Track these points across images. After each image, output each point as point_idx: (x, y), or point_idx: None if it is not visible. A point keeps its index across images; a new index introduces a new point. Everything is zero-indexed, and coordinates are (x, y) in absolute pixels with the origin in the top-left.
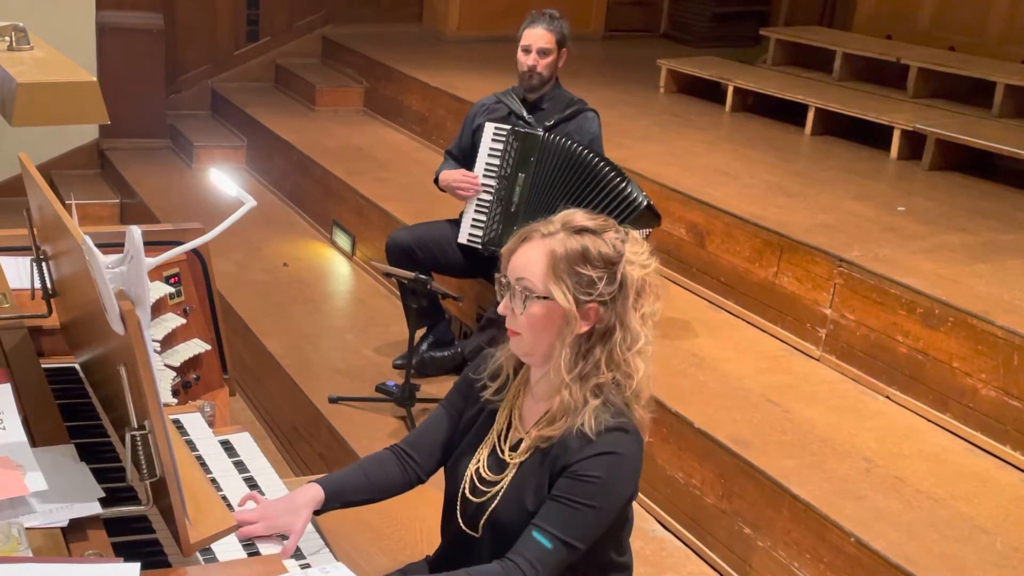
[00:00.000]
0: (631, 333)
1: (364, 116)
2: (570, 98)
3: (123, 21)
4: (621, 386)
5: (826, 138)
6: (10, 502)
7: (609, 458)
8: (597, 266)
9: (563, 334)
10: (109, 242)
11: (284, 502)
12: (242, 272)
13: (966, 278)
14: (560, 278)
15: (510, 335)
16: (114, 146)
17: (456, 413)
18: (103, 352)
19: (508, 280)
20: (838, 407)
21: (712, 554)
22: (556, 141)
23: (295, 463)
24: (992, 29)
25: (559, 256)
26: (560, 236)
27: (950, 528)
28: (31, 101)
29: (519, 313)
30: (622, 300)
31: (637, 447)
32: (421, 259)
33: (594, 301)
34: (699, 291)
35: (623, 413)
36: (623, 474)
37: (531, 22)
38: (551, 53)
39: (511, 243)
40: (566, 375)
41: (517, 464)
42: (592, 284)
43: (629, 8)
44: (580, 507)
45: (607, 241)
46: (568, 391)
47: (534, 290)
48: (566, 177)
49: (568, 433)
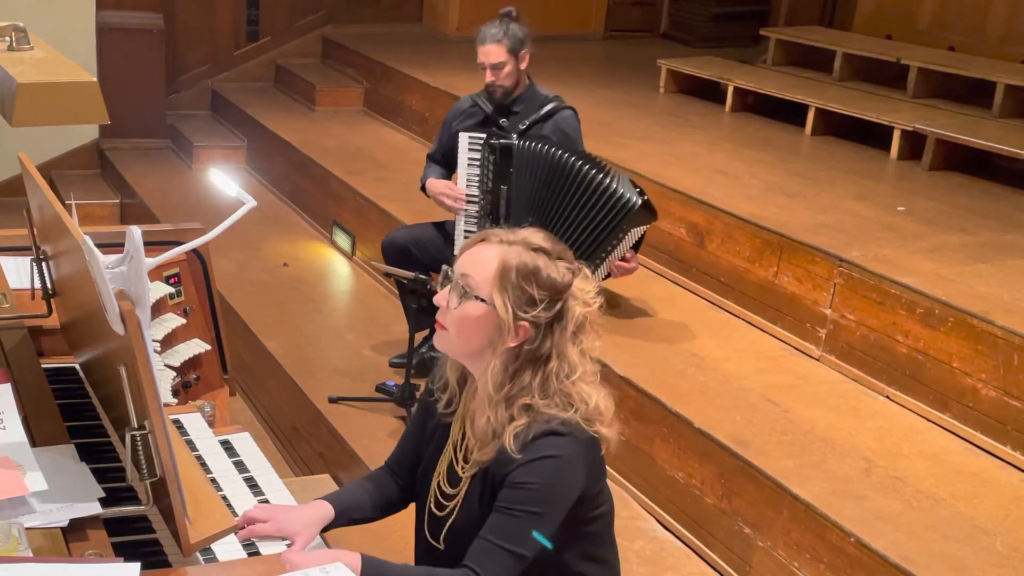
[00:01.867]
0: (568, 363)
1: (364, 116)
2: (545, 97)
3: (123, 21)
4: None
5: (826, 138)
6: (10, 502)
7: (544, 463)
8: (543, 288)
9: (494, 343)
10: (109, 242)
11: (296, 512)
12: (242, 272)
13: (966, 278)
14: (505, 288)
15: (437, 328)
16: (114, 146)
17: (422, 426)
18: (103, 352)
19: (453, 274)
20: (838, 407)
21: (712, 554)
22: (531, 148)
23: (295, 463)
24: (992, 29)
25: (511, 266)
26: (517, 248)
27: (950, 528)
28: (31, 101)
29: (452, 307)
30: (560, 330)
31: (577, 447)
32: (418, 258)
33: (528, 320)
34: (699, 291)
35: (561, 420)
36: (561, 475)
37: (480, 37)
38: (506, 64)
39: (470, 240)
40: (493, 393)
41: (468, 477)
42: (532, 303)
43: (629, 8)
44: (521, 514)
45: (558, 268)
46: (494, 413)
47: (475, 290)
48: (548, 183)
49: (499, 453)
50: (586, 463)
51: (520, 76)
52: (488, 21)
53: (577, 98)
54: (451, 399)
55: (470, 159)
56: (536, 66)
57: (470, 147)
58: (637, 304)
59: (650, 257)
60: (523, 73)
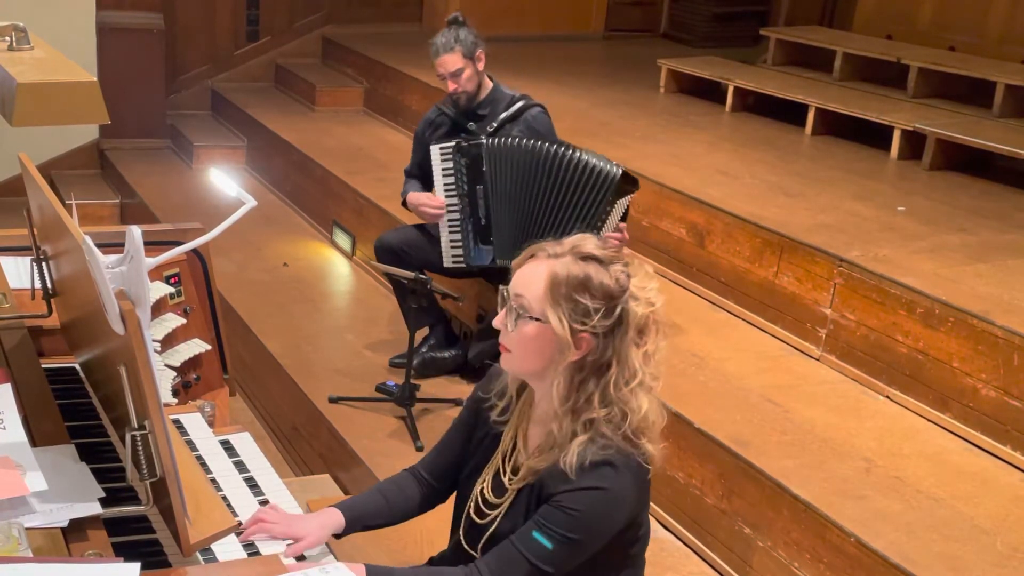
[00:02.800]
0: (628, 369)
1: (364, 116)
2: (511, 96)
3: (123, 21)
4: (619, 422)
5: (826, 138)
6: (10, 502)
7: (593, 493)
8: (596, 297)
9: (556, 360)
10: (109, 242)
11: (304, 519)
12: (242, 272)
13: (966, 278)
14: (557, 302)
15: (501, 350)
16: (114, 146)
17: (467, 431)
18: (103, 352)
19: (508, 294)
20: (838, 407)
21: (712, 554)
22: (501, 144)
23: (295, 463)
24: (992, 29)
25: (560, 279)
26: (566, 260)
27: (950, 528)
28: (31, 101)
29: (511, 330)
30: (620, 335)
31: (628, 481)
32: (411, 258)
33: (587, 331)
34: (699, 291)
35: (616, 448)
36: (606, 510)
37: (434, 51)
38: (464, 70)
39: (520, 258)
40: (558, 406)
41: (515, 491)
42: (588, 314)
43: (629, 8)
44: (560, 536)
45: (611, 273)
46: (558, 425)
47: (529, 310)
48: (525, 174)
49: (554, 466)
50: (635, 498)
51: (481, 78)
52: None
53: (577, 98)
54: (507, 407)
55: (444, 170)
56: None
57: (442, 157)
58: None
59: (650, 257)
60: (483, 74)
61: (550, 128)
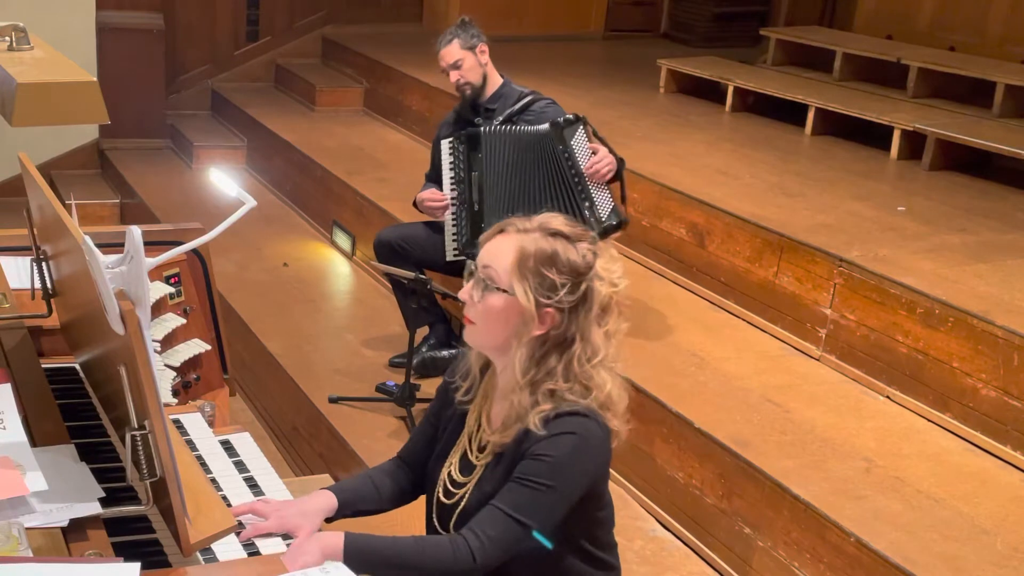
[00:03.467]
0: (591, 346)
1: (364, 116)
2: (520, 92)
3: (123, 21)
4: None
5: (826, 138)
6: (10, 502)
7: (565, 438)
8: (563, 272)
9: (519, 333)
10: (109, 242)
11: (297, 505)
12: (242, 272)
13: (966, 278)
14: (524, 275)
15: (465, 323)
16: (114, 146)
17: (436, 419)
18: (103, 352)
19: (475, 267)
20: (838, 407)
21: (712, 554)
22: (497, 130)
23: (295, 463)
24: (992, 29)
25: (528, 253)
26: (535, 235)
27: (950, 528)
28: (31, 101)
29: (477, 301)
30: (584, 312)
31: (598, 430)
32: (411, 254)
33: (552, 306)
34: (699, 291)
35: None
36: (581, 454)
37: (437, 48)
38: (463, 61)
39: (489, 232)
40: (520, 378)
41: (482, 466)
42: (554, 288)
43: (629, 8)
44: (534, 486)
45: (578, 250)
46: (519, 398)
47: (496, 281)
48: (515, 159)
49: (520, 434)
50: (603, 450)
51: (486, 71)
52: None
53: (577, 98)
54: (471, 387)
55: (449, 163)
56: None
57: (449, 151)
58: (637, 304)
59: (650, 257)
60: (489, 69)
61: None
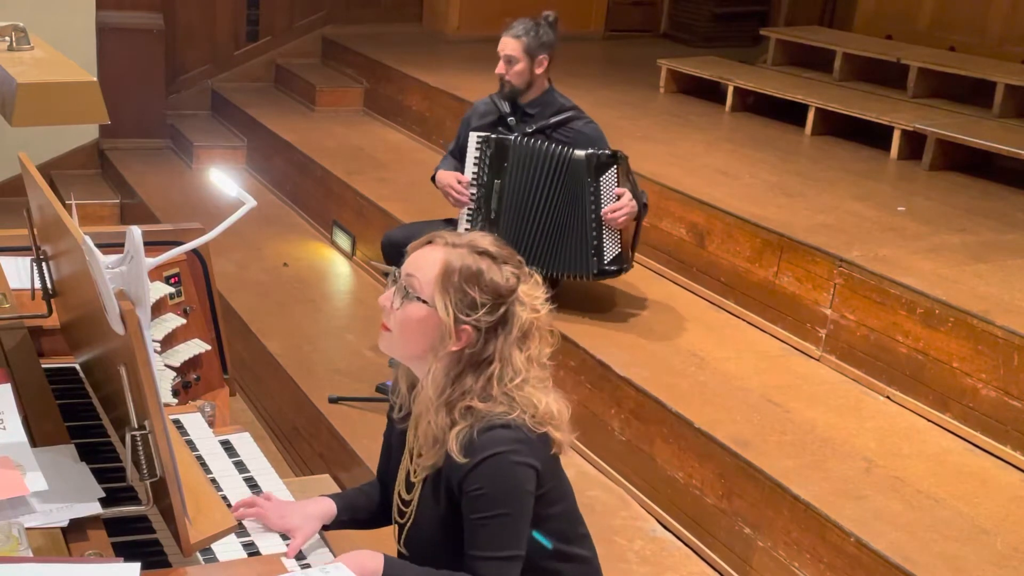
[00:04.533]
0: (511, 368)
1: (364, 116)
2: (562, 104)
3: (123, 21)
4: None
5: (826, 138)
6: (10, 502)
7: (488, 463)
8: (485, 291)
9: (435, 347)
10: (109, 242)
11: (297, 507)
12: (242, 272)
13: (966, 278)
14: (447, 289)
15: (381, 330)
16: (114, 146)
17: (388, 437)
18: (103, 352)
19: (399, 274)
20: (838, 407)
21: (712, 554)
22: (528, 144)
23: (295, 463)
24: (992, 29)
25: (454, 268)
26: (462, 251)
27: (950, 528)
28: (31, 101)
29: (396, 308)
30: (504, 334)
31: (519, 437)
32: None
33: (470, 324)
34: (699, 291)
35: (499, 423)
36: (511, 470)
37: (507, 28)
38: (517, 62)
39: (418, 241)
40: (434, 398)
41: (420, 481)
42: (474, 306)
43: (629, 8)
44: (490, 520)
45: (503, 272)
46: (434, 417)
47: (418, 291)
48: (541, 178)
49: (446, 456)
50: (533, 454)
51: (535, 79)
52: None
53: (577, 98)
54: (403, 405)
55: (474, 159)
56: None
57: (476, 146)
58: (637, 304)
59: (650, 257)
60: (540, 77)
61: (601, 137)
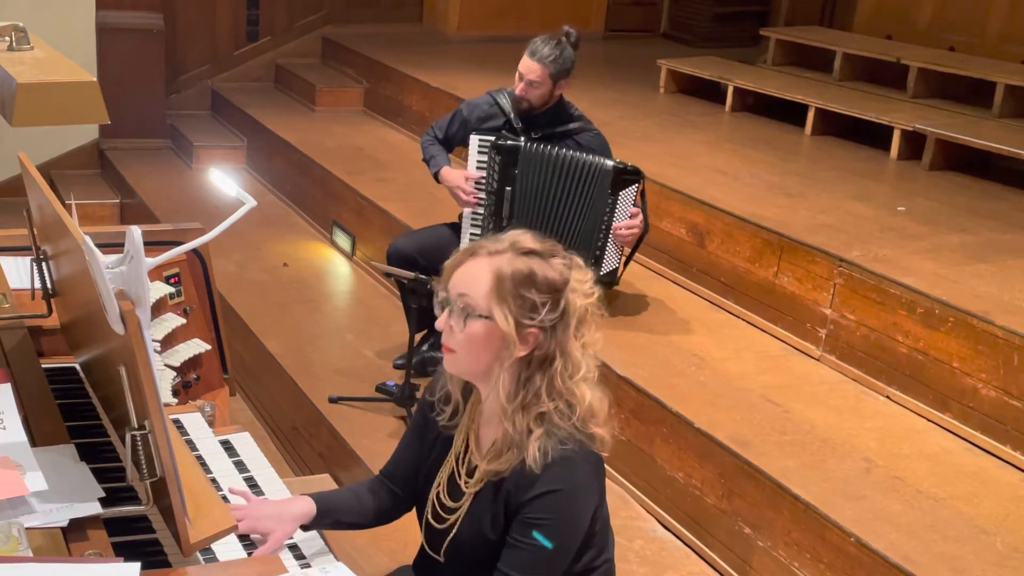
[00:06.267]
0: (572, 361)
1: (364, 116)
2: (571, 113)
3: (123, 21)
4: (568, 413)
5: (826, 138)
6: (10, 502)
7: (555, 496)
8: (542, 291)
9: (501, 357)
10: (109, 242)
11: (273, 507)
12: (242, 272)
13: (966, 278)
14: (504, 299)
15: (444, 352)
16: (114, 146)
17: (420, 435)
18: (103, 352)
19: (448, 295)
20: (838, 407)
21: (712, 554)
22: (537, 150)
23: (295, 463)
24: (992, 29)
25: (505, 276)
26: (507, 256)
27: (950, 528)
28: (31, 101)
29: (458, 331)
30: (563, 328)
31: (584, 471)
32: (424, 266)
33: (535, 326)
34: (699, 291)
35: (571, 438)
36: (572, 507)
37: (532, 50)
38: (541, 86)
39: (457, 256)
40: (507, 404)
41: (472, 494)
42: (535, 309)
43: (629, 8)
44: (539, 550)
45: (553, 266)
46: (511, 423)
47: (475, 308)
48: (551, 182)
49: (517, 466)
50: (592, 491)
51: (549, 100)
52: (546, 35)
53: (577, 98)
54: (455, 411)
55: (479, 162)
56: None
57: (479, 150)
58: (637, 304)
59: (650, 257)
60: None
61: (604, 147)
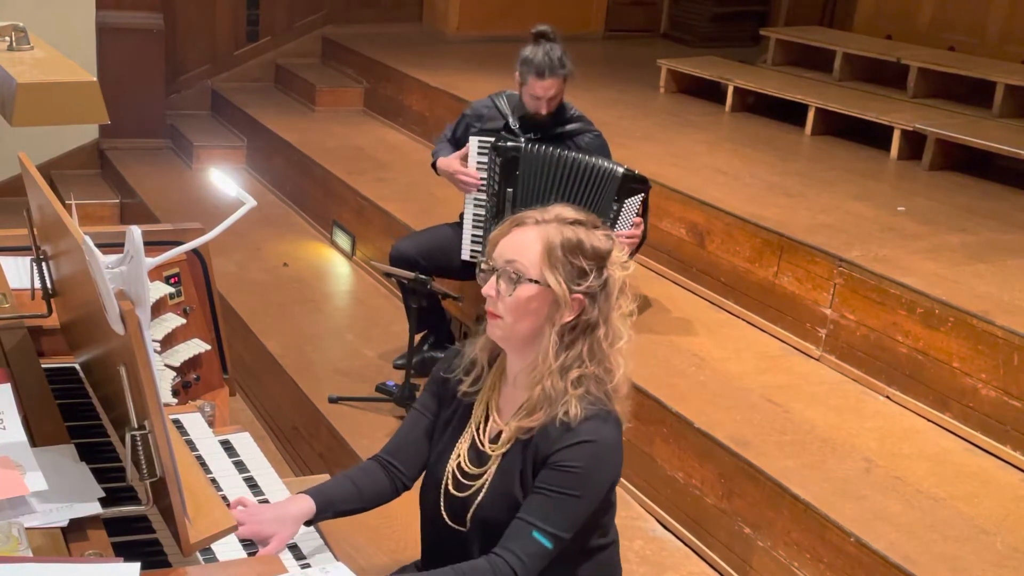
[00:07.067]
0: (613, 330)
1: (364, 116)
2: (572, 114)
3: (123, 21)
4: (602, 380)
5: (826, 138)
6: (10, 502)
7: (589, 446)
8: (589, 258)
9: (552, 320)
10: (109, 242)
11: (273, 510)
12: (242, 272)
13: (966, 278)
14: (555, 265)
15: (489, 318)
16: (114, 146)
17: (430, 415)
18: (103, 352)
19: (495, 263)
20: (838, 407)
21: (712, 554)
22: (538, 151)
23: (295, 463)
24: (992, 29)
25: (555, 244)
26: (555, 225)
27: (950, 528)
28: (31, 101)
29: (506, 295)
30: (605, 297)
31: (617, 434)
32: (426, 268)
33: (581, 292)
34: (699, 291)
35: (603, 402)
36: (603, 461)
37: (537, 70)
38: (559, 94)
39: (502, 228)
40: (553, 363)
41: (499, 456)
42: (583, 275)
43: (629, 8)
44: (564, 496)
45: (598, 236)
46: (550, 381)
47: (525, 273)
48: (549, 183)
49: (549, 422)
50: (619, 453)
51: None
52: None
53: (577, 98)
54: (477, 378)
55: (479, 163)
56: None
57: (479, 151)
58: (637, 304)
59: (650, 257)
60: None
61: (603, 149)
